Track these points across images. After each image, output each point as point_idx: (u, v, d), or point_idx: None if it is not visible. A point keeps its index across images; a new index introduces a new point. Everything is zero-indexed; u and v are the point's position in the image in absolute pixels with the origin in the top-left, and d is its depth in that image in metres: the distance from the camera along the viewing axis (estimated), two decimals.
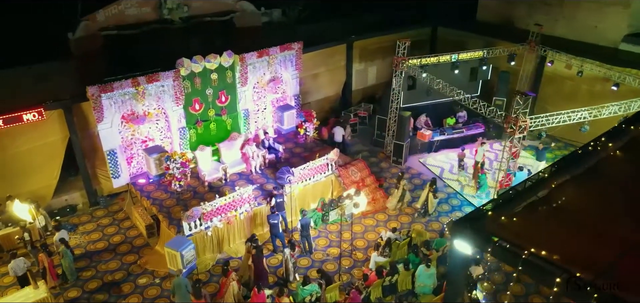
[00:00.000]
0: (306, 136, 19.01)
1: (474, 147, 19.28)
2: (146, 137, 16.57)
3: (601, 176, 9.96)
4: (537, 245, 7.65)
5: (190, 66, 16.48)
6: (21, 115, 14.21)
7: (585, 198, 9.31)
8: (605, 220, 8.71)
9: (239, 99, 18.42)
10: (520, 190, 9.12)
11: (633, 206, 9.05)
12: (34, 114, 14.35)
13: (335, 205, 13.40)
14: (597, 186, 9.68)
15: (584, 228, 8.38)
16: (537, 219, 8.62)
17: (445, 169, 19.87)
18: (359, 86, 24.66)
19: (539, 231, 8.29)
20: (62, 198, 16.44)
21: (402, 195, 17.13)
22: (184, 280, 12.25)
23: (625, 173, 10.15)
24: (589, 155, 10.55)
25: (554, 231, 8.32)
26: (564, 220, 8.59)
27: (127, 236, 15.42)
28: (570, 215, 8.70)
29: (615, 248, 7.90)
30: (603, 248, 7.84)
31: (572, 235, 8.23)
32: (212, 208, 14.04)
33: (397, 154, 19.95)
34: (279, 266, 14.15)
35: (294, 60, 19.58)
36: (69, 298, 13.02)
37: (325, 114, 23.62)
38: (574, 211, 8.81)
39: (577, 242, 8.03)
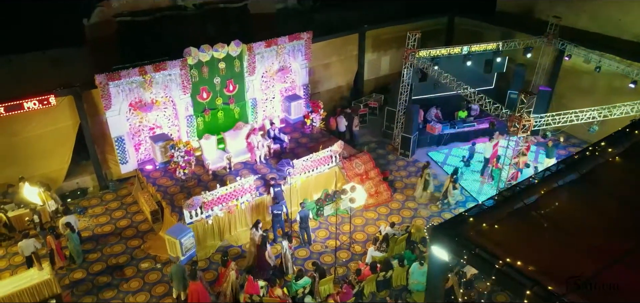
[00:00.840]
0: (312, 126, 19.07)
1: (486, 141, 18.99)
2: (154, 124, 16.94)
3: (595, 184, 9.76)
4: (514, 254, 7.61)
5: (198, 55, 16.69)
6: (33, 101, 14.67)
7: (574, 207, 9.15)
8: (592, 231, 8.57)
9: (247, 89, 18.58)
10: (506, 196, 9.03)
11: (623, 217, 8.86)
12: (45, 100, 14.79)
13: (330, 200, 13.49)
14: (589, 194, 9.49)
15: (568, 239, 8.27)
16: (520, 227, 8.55)
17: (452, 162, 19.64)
18: (371, 75, 24.49)
19: (520, 240, 8.23)
20: (73, 181, 17.01)
21: (425, 183, 17.10)
22: (182, 267, 12.60)
23: (621, 181, 9.91)
24: (586, 161, 10.32)
25: (536, 241, 8.24)
26: (548, 229, 8.49)
27: (133, 220, 15.90)
28: (556, 225, 8.58)
29: (597, 261, 7.78)
30: (584, 260, 7.73)
31: (554, 245, 8.14)
32: (213, 197, 14.32)
33: (404, 147, 19.85)
34: (278, 256, 14.35)
35: (304, 50, 19.57)
36: (74, 279, 13.56)
37: (336, 104, 23.60)
38: (560, 220, 8.68)
39: (558, 253, 7.93)
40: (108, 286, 13.33)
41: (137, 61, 15.78)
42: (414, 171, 18.94)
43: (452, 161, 19.71)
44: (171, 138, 16.62)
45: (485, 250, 7.57)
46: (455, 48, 19.70)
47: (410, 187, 17.95)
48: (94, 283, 13.42)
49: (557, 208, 8.98)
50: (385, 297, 13.02)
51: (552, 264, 7.60)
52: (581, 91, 20.96)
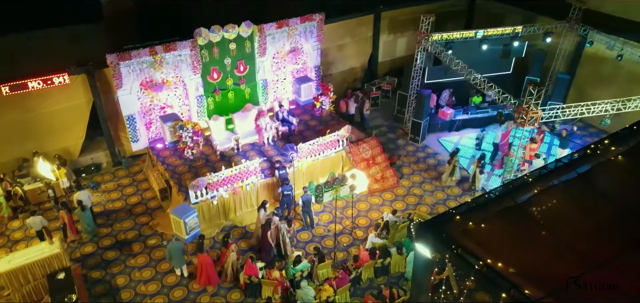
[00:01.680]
0: (322, 109, 19.11)
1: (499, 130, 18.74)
2: (165, 104, 17.27)
3: (592, 184, 9.57)
4: (497, 255, 7.61)
5: (208, 35, 16.83)
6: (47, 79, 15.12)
7: (566, 208, 9.02)
8: (581, 233, 8.46)
9: (258, 69, 18.69)
10: (497, 194, 8.97)
11: (616, 220, 8.71)
12: (60, 78, 15.23)
13: (329, 187, 13.60)
14: (583, 195, 9.33)
15: (555, 241, 8.19)
16: (507, 227, 8.50)
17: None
18: (386, 57, 24.24)
19: (505, 241, 8.20)
20: (88, 156, 17.58)
21: (452, 170, 17.13)
22: (179, 244, 13.04)
23: (619, 182, 9.69)
24: (585, 159, 10.12)
25: (522, 242, 8.20)
26: (537, 230, 8.42)
27: (143, 197, 16.39)
28: (545, 226, 8.49)
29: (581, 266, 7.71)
30: (567, 264, 7.68)
31: (540, 247, 8.09)
32: (218, 179, 14.62)
33: (414, 132, 19.73)
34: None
35: (316, 31, 19.49)
36: (85, 252, 14.16)
37: (349, 85, 23.52)
38: (550, 221, 8.57)
39: (542, 256, 7.89)
40: (116, 261, 13.88)
41: (153, 40, 15.99)
42: (422, 157, 18.86)
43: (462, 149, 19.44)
44: (180, 118, 16.94)
45: (466, 249, 7.59)
46: (469, 32, 19.29)
47: (416, 173, 17.91)
48: (102, 258, 13.99)
49: (548, 208, 8.87)
50: (381, 284, 13.18)
51: (534, 267, 7.56)
52: (602, 79, 20.34)
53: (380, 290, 12.56)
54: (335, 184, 13.47)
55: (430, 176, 17.78)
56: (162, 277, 13.34)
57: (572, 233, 8.41)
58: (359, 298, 12.86)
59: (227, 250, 13.15)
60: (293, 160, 15.48)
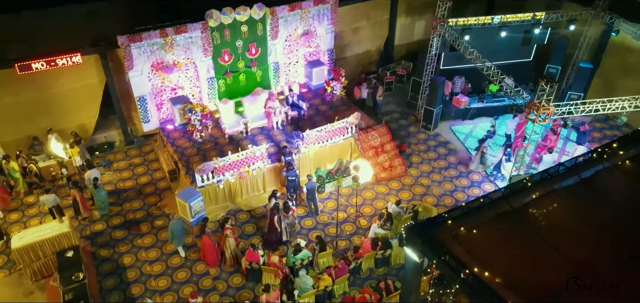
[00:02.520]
0: (333, 94, 19.00)
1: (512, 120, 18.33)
2: (176, 85, 17.43)
3: (594, 190, 9.34)
4: (485, 264, 7.55)
5: (220, 17, 16.80)
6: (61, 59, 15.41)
7: (564, 215, 8.84)
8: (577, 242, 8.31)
9: (270, 52, 18.63)
10: (493, 198, 8.84)
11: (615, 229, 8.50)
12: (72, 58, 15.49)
13: (331, 178, 13.58)
14: (584, 202, 9.12)
15: (548, 250, 8.06)
16: (501, 234, 8.39)
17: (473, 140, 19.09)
18: (402, 41, 23.81)
19: (496, 248, 8.11)
20: (101, 135, 17.95)
21: (481, 157, 17.01)
22: (179, 223, 13.41)
23: (623, 189, 9.43)
24: (590, 163, 9.86)
25: (514, 250, 8.10)
26: (531, 238, 8.29)
27: (153, 177, 16.71)
28: (540, 233, 8.36)
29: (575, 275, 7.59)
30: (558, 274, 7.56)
31: (532, 256, 7.98)
32: (224, 163, 14.77)
33: (426, 120, 19.47)
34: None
35: (329, 14, 19.24)
36: (95, 230, 14.60)
37: (364, 69, 23.27)
38: (545, 228, 8.44)
39: (532, 265, 7.79)
40: (124, 240, 14.27)
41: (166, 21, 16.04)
42: (433, 146, 18.63)
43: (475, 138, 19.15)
44: (190, 101, 17.08)
45: (454, 256, 7.54)
46: (486, 18, 18.74)
47: (426, 162, 17.73)
48: (111, 236, 14.40)
49: (546, 215, 8.71)
50: (381, 275, 13.24)
51: (522, 276, 7.49)
52: (627, 70, 19.61)
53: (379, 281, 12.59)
54: (338, 175, 13.44)
55: (440, 165, 17.58)
56: (167, 258, 13.68)
57: (568, 241, 8.27)
58: (358, 288, 12.95)
59: (222, 234, 13.30)
60: (299, 148, 15.49)
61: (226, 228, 13.09)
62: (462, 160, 17.84)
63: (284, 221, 14.15)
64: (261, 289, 12.28)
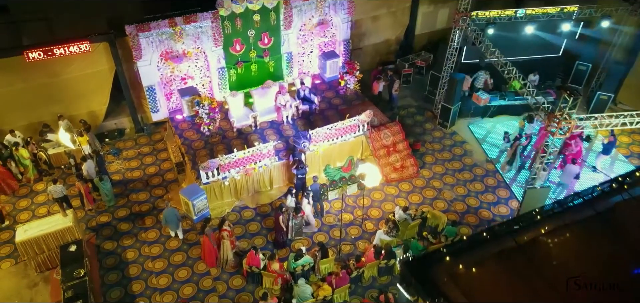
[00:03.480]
0: (346, 88, 18.43)
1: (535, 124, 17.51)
2: (185, 75, 17.14)
3: (609, 226, 8.71)
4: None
5: (231, 6, 16.33)
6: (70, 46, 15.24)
7: (573, 253, 8.26)
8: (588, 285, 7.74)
9: (283, 42, 18.12)
10: (496, 231, 8.33)
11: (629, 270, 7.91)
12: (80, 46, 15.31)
13: (335, 186, 13.17)
14: (597, 239, 8.51)
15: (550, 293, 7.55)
16: (503, 273, 7.91)
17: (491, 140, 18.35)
18: (424, 29, 22.90)
19: (496, 290, 7.64)
20: (112, 121, 17.91)
21: (513, 155, 16.48)
22: (173, 210, 13.50)
23: None
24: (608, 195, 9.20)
25: (515, 293, 7.61)
26: (533, 280, 7.78)
27: (161, 168, 16.62)
28: (544, 275, 7.83)
29: None
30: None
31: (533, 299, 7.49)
32: (229, 161, 14.52)
33: (443, 117, 18.76)
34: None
35: (346, 3, 18.53)
36: (100, 222, 14.64)
37: (382, 59, 22.53)
38: (550, 268, 7.91)
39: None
40: (128, 233, 14.27)
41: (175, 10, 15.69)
42: (449, 145, 17.98)
43: (493, 138, 18.41)
44: (198, 93, 16.80)
45: (449, 300, 7.12)
46: (509, 11, 17.74)
47: (439, 163, 17.13)
48: (116, 229, 14.42)
49: (553, 254, 8.17)
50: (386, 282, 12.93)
51: None
52: None
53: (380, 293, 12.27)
54: (342, 183, 13.04)
55: (454, 167, 16.96)
56: (169, 255, 13.64)
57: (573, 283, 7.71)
58: (359, 297, 12.68)
59: (218, 235, 13.10)
60: (306, 149, 15.10)
61: (223, 229, 12.88)
62: (478, 162, 17.17)
63: (291, 221, 13.89)
64: (260, 296, 12.14)
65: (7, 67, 15.19)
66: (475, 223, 14.84)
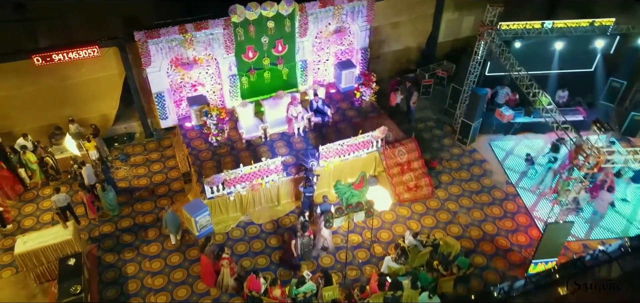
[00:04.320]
0: (362, 100, 17.73)
1: None
2: (196, 81, 16.75)
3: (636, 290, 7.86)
4: None
5: (244, 13, 15.83)
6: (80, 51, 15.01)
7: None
8: None
9: (297, 50, 17.55)
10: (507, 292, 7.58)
11: None
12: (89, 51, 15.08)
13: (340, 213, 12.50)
14: None
15: None
16: None
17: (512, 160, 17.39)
18: (447, 37, 21.96)
19: None
20: (122, 125, 17.69)
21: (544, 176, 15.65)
22: (173, 214, 13.60)
23: None
24: None
25: None
26: None
27: (168, 177, 16.29)
28: None
29: None
30: None
31: None
32: (235, 176, 14.06)
33: (463, 134, 17.88)
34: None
35: (364, 11, 17.81)
36: (103, 232, 14.41)
37: (402, 67, 21.71)
38: None
39: None
40: (130, 246, 13.98)
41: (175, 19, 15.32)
42: (467, 164, 17.11)
43: (515, 159, 17.45)
44: (207, 102, 16.39)
45: None
46: (535, 23, 16.70)
47: (456, 183, 16.30)
48: (118, 240, 14.15)
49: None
50: None
51: None
52: None
53: None
54: (348, 212, 12.42)
55: (471, 188, 16.12)
56: (169, 271, 13.30)
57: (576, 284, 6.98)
58: None
59: (218, 263, 12.63)
60: (313, 168, 14.52)
61: (222, 258, 12.42)
62: (498, 184, 16.28)
63: (299, 240, 13.37)
64: None
65: (17, 70, 15.06)
66: (491, 252, 14.04)
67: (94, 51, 15.22)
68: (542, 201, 15.64)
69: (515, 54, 16.28)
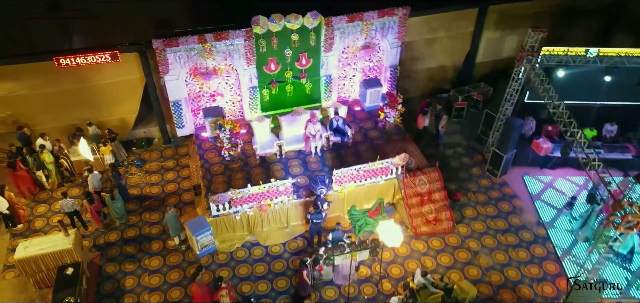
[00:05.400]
0: (386, 121, 16.80)
1: None
2: (215, 92, 16.40)
3: None
4: None
5: (267, 24, 15.31)
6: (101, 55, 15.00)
7: None
8: None
9: (322, 64, 16.86)
10: None
11: None
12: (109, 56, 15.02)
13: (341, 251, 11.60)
14: None
15: None
16: None
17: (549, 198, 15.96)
18: (487, 57, 20.60)
19: None
20: (141, 130, 17.63)
21: (586, 220, 14.10)
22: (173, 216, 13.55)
23: None
24: None
25: None
26: None
27: (180, 187, 16.03)
28: None
29: None
30: None
31: None
32: (242, 195, 13.53)
33: (494, 165, 16.60)
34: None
35: (396, 27, 16.89)
36: (109, 240, 14.27)
37: (436, 86, 20.57)
38: None
39: None
40: (132, 258, 13.75)
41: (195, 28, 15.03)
42: (496, 198, 15.84)
43: (550, 196, 16.02)
44: (223, 114, 15.98)
45: None
46: (578, 49, 15.20)
47: (481, 219, 15.09)
48: (122, 250, 13.96)
49: None
50: None
51: None
52: None
53: None
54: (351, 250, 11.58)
55: (497, 226, 14.88)
56: (167, 289, 12.96)
57: None
58: None
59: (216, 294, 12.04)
60: (322, 195, 13.78)
61: (221, 288, 11.85)
62: (527, 224, 14.96)
63: (311, 271, 12.69)
64: None
65: (40, 70, 15.17)
66: (512, 301, 12.79)
67: (114, 55, 15.10)
68: (578, 245, 14.18)
69: (559, 82, 14.95)
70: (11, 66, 14.95)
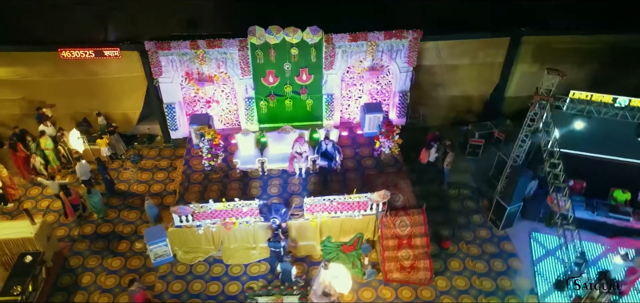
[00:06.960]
0: (381, 151, 15.68)
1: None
2: (211, 98, 16.26)
3: None
4: None
5: (264, 36, 14.88)
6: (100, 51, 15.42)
7: None
8: None
9: (324, 81, 16.11)
10: None
11: None
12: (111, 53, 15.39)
13: (265, 293, 10.63)
14: None
15: None
16: None
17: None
18: (519, 92, 18.45)
19: None
20: (146, 125, 17.95)
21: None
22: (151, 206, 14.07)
23: None
24: None
25: None
26: None
27: (165, 189, 16.05)
28: None
29: None
30: None
31: None
32: (204, 211, 13.21)
33: (497, 215, 14.90)
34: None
35: (406, 51, 15.72)
36: (83, 232, 14.60)
37: (457, 116, 18.95)
38: None
39: None
40: (97, 254, 13.92)
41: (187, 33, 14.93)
42: (490, 254, 14.20)
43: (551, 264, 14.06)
44: (209, 124, 15.73)
45: None
46: (604, 96, 13.08)
47: (466, 275, 13.57)
48: (90, 245, 14.17)
49: None
50: None
51: None
52: None
53: None
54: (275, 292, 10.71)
55: (483, 287, 13.29)
56: (118, 293, 12.96)
57: None
58: None
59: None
60: (275, 225, 13.06)
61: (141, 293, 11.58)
62: (518, 291, 13.24)
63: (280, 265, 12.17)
64: None
65: (49, 59, 15.87)
66: None
67: (115, 53, 15.45)
68: None
69: (588, 130, 13.07)
70: (23, 53, 15.76)
